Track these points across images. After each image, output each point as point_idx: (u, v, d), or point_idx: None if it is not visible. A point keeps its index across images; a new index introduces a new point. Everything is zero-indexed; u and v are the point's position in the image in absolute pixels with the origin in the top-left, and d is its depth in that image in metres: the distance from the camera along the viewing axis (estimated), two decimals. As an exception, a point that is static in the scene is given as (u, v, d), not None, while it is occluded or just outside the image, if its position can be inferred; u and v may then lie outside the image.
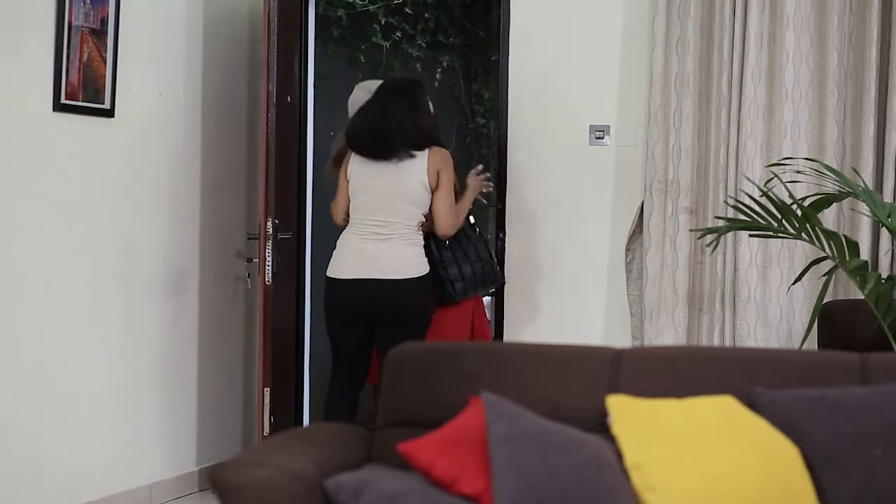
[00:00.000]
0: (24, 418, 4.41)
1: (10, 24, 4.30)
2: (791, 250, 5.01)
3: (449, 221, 4.70)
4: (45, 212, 4.50)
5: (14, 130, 4.34)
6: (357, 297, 4.62)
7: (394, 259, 4.60)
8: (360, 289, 4.60)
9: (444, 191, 4.67)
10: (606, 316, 5.33)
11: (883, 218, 4.08)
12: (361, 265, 4.61)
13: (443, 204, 4.67)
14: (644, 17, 5.23)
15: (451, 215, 4.69)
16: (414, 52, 7.92)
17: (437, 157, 4.67)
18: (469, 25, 8.25)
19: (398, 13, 7.83)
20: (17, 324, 4.37)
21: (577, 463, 2.64)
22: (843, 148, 4.97)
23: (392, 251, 4.60)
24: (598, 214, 5.33)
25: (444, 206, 4.67)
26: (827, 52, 4.96)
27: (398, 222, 4.61)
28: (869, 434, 2.79)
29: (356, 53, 7.64)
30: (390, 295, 4.58)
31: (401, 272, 4.59)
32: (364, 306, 4.62)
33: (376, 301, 4.59)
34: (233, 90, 5.58)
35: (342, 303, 4.66)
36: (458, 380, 3.02)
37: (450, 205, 4.69)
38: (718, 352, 3.66)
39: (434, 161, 4.65)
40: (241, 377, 5.72)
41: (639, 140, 5.27)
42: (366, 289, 4.59)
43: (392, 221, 4.61)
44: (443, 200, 4.67)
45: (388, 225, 4.61)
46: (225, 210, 5.55)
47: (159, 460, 5.15)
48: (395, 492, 2.63)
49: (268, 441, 2.91)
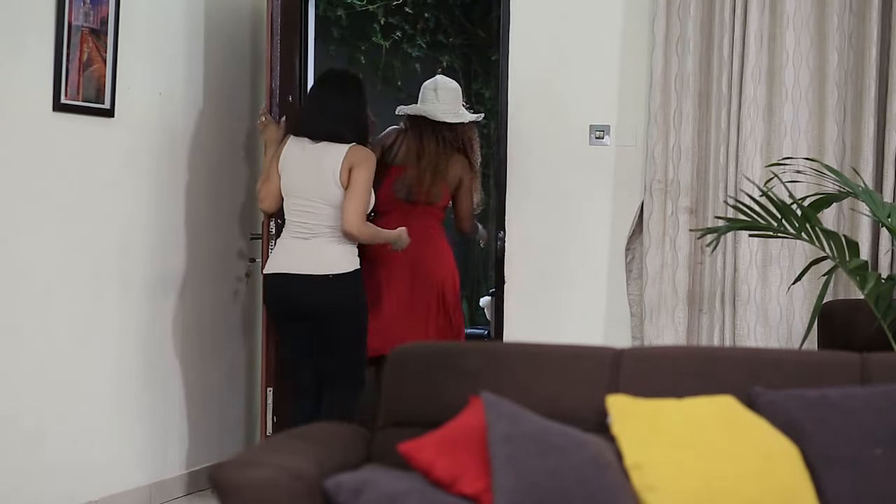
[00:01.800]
0: (24, 418, 4.41)
1: (10, 24, 4.30)
2: (791, 250, 5.01)
3: (353, 222, 4.58)
4: (45, 212, 4.50)
5: (14, 130, 4.34)
6: (280, 294, 4.72)
7: (316, 254, 4.64)
8: (284, 285, 4.70)
9: (351, 191, 4.59)
10: (606, 316, 5.33)
11: (883, 218, 4.08)
12: (287, 261, 4.69)
13: (349, 204, 4.59)
14: (644, 17, 5.23)
15: (355, 218, 4.58)
16: (414, 51, 7.93)
17: (354, 154, 4.63)
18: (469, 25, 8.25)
19: (398, 13, 7.83)
20: (17, 324, 4.37)
21: (577, 463, 2.64)
22: (843, 148, 4.98)
23: (317, 247, 4.64)
24: (598, 214, 5.33)
25: (349, 207, 4.58)
26: (827, 52, 4.96)
27: (321, 223, 4.64)
28: (869, 434, 2.79)
29: (356, 53, 7.65)
30: (309, 290, 4.64)
31: (323, 268, 4.62)
32: (286, 303, 4.72)
33: (297, 297, 4.67)
34: (233, 89, 5.58)
35: (270, 300, 4.80)
36: (458, 380, 3.02)
37: (356, 208, 4.59)
38: (718, 352, 3.67)
39: (350, 157, 4.62)
40: (242, 377, 5.72)
41: (639, 140, 5.27)
42: (289, 285, 4.68)
43: (316, 223, 4.64)
44: (349, 200, 4.59)
45: (311, 226, 4.65)
46: (226, 210, 5.55)
47: (159, 460, 5.15)
48: (395, 492, 2.63)
49: (267, 441, 2.92)
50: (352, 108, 4.74)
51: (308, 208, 4.66)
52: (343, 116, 4.70)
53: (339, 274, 4.64)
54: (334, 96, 4.75)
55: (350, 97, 4.76)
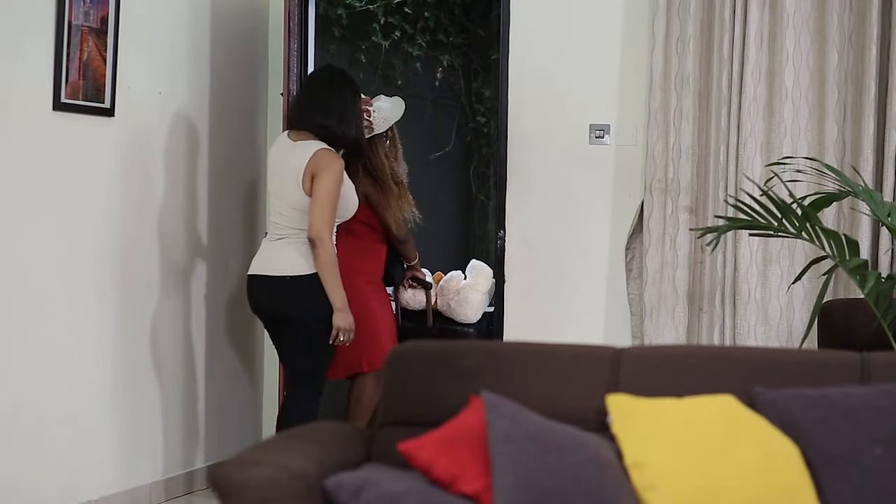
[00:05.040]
0: (24, 417, 4.42)
1: (10, 23, 4.30)
2: (791, 249, 5.01)
3: (315, 228, 4.45)
4: (45, 211, 4.50)
5: (14, 130, 4.34)
6: (248, 295, 4.72)
7: (276, 255, 4.60)
8: (250, 286, 4.70)
9: (314, 200, 4.46)
10: (606, 315, 5.33)
11: (883, 217, 4.08)
12: (256, 262, 4.69)
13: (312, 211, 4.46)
14: (644, 16, 5.23)
15: (319, 224, 4.44)
16: (414, 51, 7.93)
17: (317, 161, 4.48)
18: (469, 24, 8.25)
19: (398, 12, 7.84)
20: (16, 323, 4.37)
21: (577, 462, 2.64)
22: (843, 147, 4.98)
23: (278, 249, 4.59)
24: (598, 214, 5.33)
25: (313, 214, 4.46)
26: (827, 52, 4.97)
27: (287, 226, 4.58)
28: (869, 433, 2.79)
29: (357, 53, 7.66)
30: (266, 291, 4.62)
31: (278, 269, 4.57)
32: (254, 304, 4.72)
33: (259, 298, 4.67)
34: (234, 89, 5.59)
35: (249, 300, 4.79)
36: (458, 379, 3.02)
37: (320, 214, 4.44)
38: (718, 351, 3.67)
39: (312, 163, 4.48)
40: (244, 376, 5.73)
41: (639, 139, 5.27)
42: (252, 285, 4.68)
43: (284, 225, 4.59)
44: (312, 208, 4.46)
45: (280, 227, 4.61)
46: (227, 209, 5.55)
47: (160, 460, 5.15)
48: (395, 491, 2.63)
49: (268, 440, 2.92)
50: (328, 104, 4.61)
51: (279, 209, 4.62)
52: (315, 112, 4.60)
53: (294, 276, 4.53)
54: (308, 91, 4.69)
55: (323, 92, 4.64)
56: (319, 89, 4.66)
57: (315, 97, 4.64)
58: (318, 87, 4.68)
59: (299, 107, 4.70)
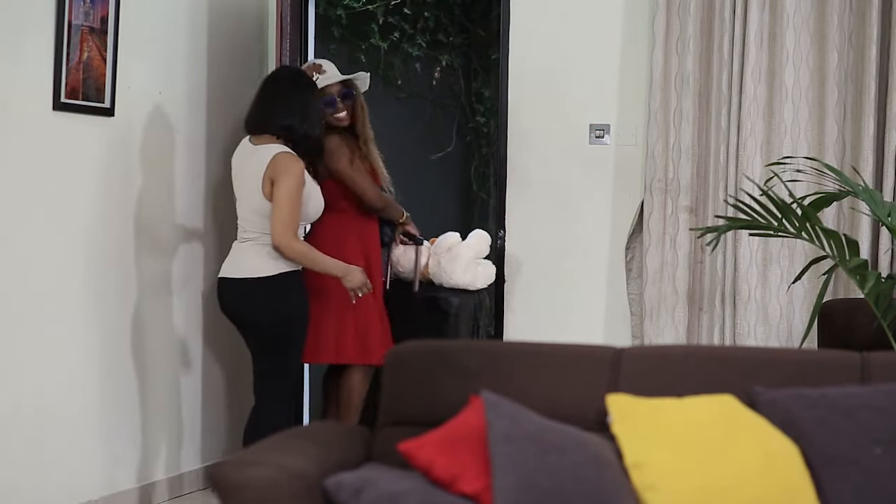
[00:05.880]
0: (24, 418, 4.41)
1: (10, 23, 4.29)
2: (791, 249, 5.01)
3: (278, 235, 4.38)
4: (45, 211, 4.49)
5: (14, 130, 4.33)
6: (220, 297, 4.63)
7: (238, 258, 4.56)
8: (218, 288, 4.63)
9: (275, 206, 4.39)
10: (606, 315, 5.33)
11: (883, 217, 4.09)
12: (224, 265, 4.63)
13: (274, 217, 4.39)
14: (644, 16, 5.24)
15: (281, 230, 4.38)
16: (414, 51, 7.93)
17: (275, 166, 4.41)
18: (469, 24, 8.24)
19: (398, 12, 7.83)
20: (16, 323, 4.37)
21: (577, 462, 2.64)
22: (843, 147, 4.98)
23: (244, 251, 4.55)
24: (598, 213, 5.33)
25: (275, 221, 4.39)
26: (827, 52, 4.97)
27: (250, 229, 4.53)
28: (869, 434, 2.79)
29: (356, 53, 7.65)
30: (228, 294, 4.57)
31: (239, 271, 4.53)
32: (222, 307, 4.64)
33: (226, 301, 4.60)
34: (234, 88, 5.58)
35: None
36: (458, 379, 3.02)
37: (282, 220, 4.37)
38: (718, 351, 3.67)
39: (270, 169, 4.41)
40: (244, 376, 5.72)
41: (639, 139, 5.28)
42: (219, 288, 4.63)
43: (248, 228, 4.55)
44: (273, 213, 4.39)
45: (245, 231, 4.57)
46: (226, 210, 5.55)
47: (160, 459, 5.15)
48: (395, 491, 2.63)
49: (267, 440, 2.91)
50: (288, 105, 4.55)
51: (242, 212, 4.59)
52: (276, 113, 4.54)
53: (257, 278, 4.47)
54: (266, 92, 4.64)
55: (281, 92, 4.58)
56: (278, 90, 4.61)
57: (274, 98, 4.59)
58: (276, 87, 4.63)
59: (258, 110, 4.62)
